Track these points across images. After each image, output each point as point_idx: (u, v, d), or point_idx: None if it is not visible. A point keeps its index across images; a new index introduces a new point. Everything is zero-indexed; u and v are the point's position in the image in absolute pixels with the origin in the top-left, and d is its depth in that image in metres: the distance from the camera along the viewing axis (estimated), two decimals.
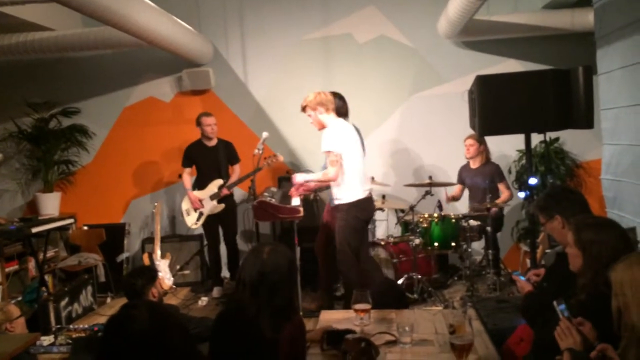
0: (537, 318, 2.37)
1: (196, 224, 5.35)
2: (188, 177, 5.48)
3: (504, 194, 5.23)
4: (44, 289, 4.79)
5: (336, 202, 4.25)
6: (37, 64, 6.18)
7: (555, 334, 1.94)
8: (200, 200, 5.31)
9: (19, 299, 4.84)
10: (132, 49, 5.75)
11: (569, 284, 2.20)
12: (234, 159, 5.48)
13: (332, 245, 4.66)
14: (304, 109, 4.30)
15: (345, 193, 4.19)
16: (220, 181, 5.30)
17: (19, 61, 6.04)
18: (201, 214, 5.32)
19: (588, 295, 2.02)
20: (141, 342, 1.50)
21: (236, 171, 5.45)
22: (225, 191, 5.25)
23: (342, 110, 4.67)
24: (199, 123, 5.35)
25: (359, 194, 4.21)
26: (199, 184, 5.40)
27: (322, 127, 4.29)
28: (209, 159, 5.36)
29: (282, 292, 2.14)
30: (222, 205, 5.29)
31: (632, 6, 3.83)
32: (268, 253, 2.17)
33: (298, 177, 4.35)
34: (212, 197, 5.29)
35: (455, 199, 5.52)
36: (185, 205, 5.42)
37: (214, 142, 5.41)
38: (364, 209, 4.29)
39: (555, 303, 1.99)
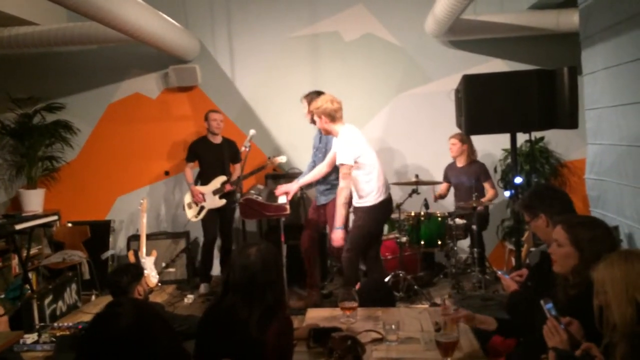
0: (522, 316, 2.39)
1: (196, 217, 5.40)
2: (190, 171, 5.52)
3: (489, 192, 5.27)
4: (27, 286, 4.75)
5: (357, 204, 4.20)
6: (21, 58, 6.10)
7: (543, 332, 1.96)
8: (203, 195, 5.33)
9: (2, 296, 4.79)
10: (117, 45, 5.70)
11: (553, 282, 2.22)
12: (236, 157, 5.52)
13: (320, 242, 4.67)
14: (311, 111, 4.29)
15: (368, 196, 4.14)
16: (223, 177, 5.36)
17: (2, 56, 5.95)
18: (202, 208, 5.37)
19: (580, 291, 2.03)
20: (126, 340, 1.49)
21: (237, 170, 5.49)
22: (228, 187, 5.31)
23: None
24: (206, 118, 5.46)
25: (381, 196, 4.18)
26: (202, 180, 5.47)
27: (327, 133, 4.30)
28: (214, 156, 5.44)
29: (273, 291, 2.14)
30: (224, 201, 5.35)
31: (616, 7, 3.88)
32: (255, 254, 2.16)
33: (294, 186, 4.42)
34: (214, 192, 5.34)
35: (441, 197, 5.56)
36: (187, 198, 5.46)
37: (219, 140, 5.48)
38: (385, 210, 4.28)
39: (542, 302, 2.00)
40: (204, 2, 6.03)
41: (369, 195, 4.14)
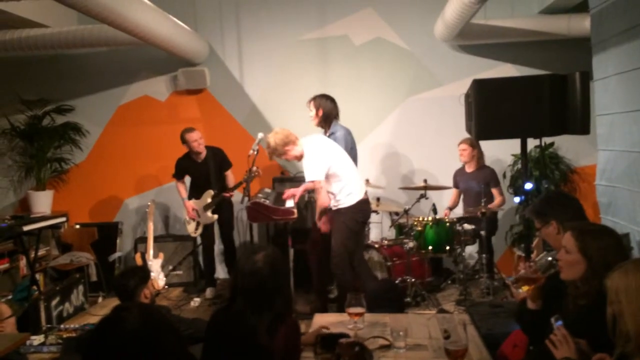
0: (532, 326, 2.36)
1: (195, 232, 5.40)
2: (182, 186, 5.48)
3: (497, 199, 5.22)
4: (34, 287, 4.75)
5: (334, 207, 4.21)
6: (31, 60, 6.14)
7: (546, 342, 1.93)
8: (196, 210, 5.32)
9: (9, 297, 4.80)
10: (127, 47, 5.72)
11: (564, 291, 2.18)
12: (225, 165, 5.45)
13: (325, 246, 4.65)
14: (272, 157, 4.28)
15: (344, 198, 4.17)
16: (211, 192, 5.30)
17: (13, 58, 5.98)
18: (198, 223, 5.35)
19: (589, 300, 2.00)
20: (132, 344, 1.49)
21: (229, 176, 5.44)
22: (226, 194, 5.25)
23: (333, 113, 4.67)
24: (184, 141, 5.25)
25: (357, 197, 4.19)
26: (194, 194, 5.42)
27: (299, 158, 4.27)
28: (199, 172, 5.37)
29: (281, 296, 2.12)
30: (216, 216, 5.30)
31: (628, 13, 3.84)
32: (263, 260, 2.13)
33: (299, 189, 4.41)
34: (205, 208, 5.29)
35: (451, 208, 5.51)
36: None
37: (202, 156, 5.35)
38: (362, 210, 4.28)
39: (552, 320, 1.98)
40: (214, 5, 6.04)
41: (345, 198, 4.17)
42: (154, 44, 4.94)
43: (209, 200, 5.28)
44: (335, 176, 4.13)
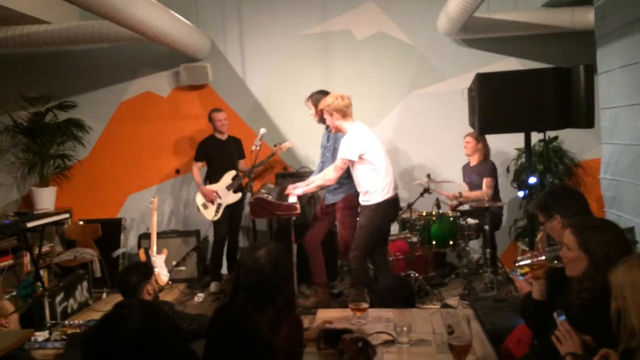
0: (536, 321, 2.34)
1: (216, 215, 5.36)
2: (198, 171, 5.52)
3: (482, 190, 5.08)
4: (39, 284, 4.77)
5: (363, 202, 4.22)
6: (33, 57, 6.13)
7: (552, 338, 1.92)
8: (216, 192, 5.33)
9: (14, 293, 4.81)
10: (129, 43, 5.70)
11: (568, 285, 2.17)
12: (241, 154, 5.58)
13: (329, 241, 4.64)
14: (321, 111, 4.30)
15: (373, 194, 4.16)
16: (233, 172, 5.38)
17: (15, 54, 5.98)
18: (219, 205, 5.35)
19: (592, 295, 1.99)
20: (132, 342, 1.48)
21: (243, 165, 5.56)
22: (245, 180, 5.33)
23: None
24: (210, 119, 5.48)
25: (388, 193, 4.19)
26: (212, 178, 5.46)
27: (337, 130, 4.31)
28: (223, 153, 5.47)
29: (284, 293, 2.12)
30: (239, 194, 5.37)
31: (632, 5, 3.81)
32: (265, 256, 2.13)
33: (297, 190, 4.34)
34: (228, 188, 5.34)
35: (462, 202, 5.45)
36: (199, 200, 5.42)
37: (225, 136, 5.53)
38: (392, 208, 4.27)
39: (555, 314, 1.97)
40: (215, 1, 6.02)
41: (374, 192, 4.15)
42: (156, 39, 4.93)
43: (231, 180, 5.34)
44: (372, 164, 4.13)
